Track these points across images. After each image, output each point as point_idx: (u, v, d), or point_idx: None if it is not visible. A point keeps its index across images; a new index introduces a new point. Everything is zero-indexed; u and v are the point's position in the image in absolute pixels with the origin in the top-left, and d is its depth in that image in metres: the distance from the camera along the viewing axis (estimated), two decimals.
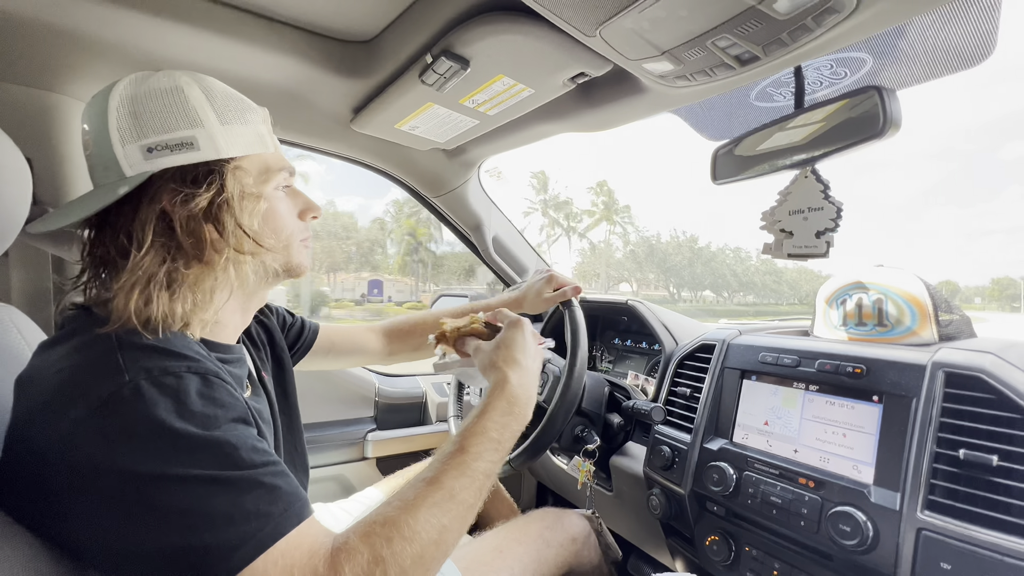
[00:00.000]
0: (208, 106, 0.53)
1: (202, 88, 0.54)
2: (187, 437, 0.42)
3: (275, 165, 0.59)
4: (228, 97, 0.55)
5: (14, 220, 0.59)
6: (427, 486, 0.50)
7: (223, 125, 0.54)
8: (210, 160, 0.53)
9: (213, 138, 0.53)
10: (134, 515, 0.40)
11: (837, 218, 0.70)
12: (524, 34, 0.73)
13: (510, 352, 0.68)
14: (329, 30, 0.89)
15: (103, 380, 0.42)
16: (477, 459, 0.54)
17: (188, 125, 0.52)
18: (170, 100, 0.52)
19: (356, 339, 1.00)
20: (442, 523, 0.48)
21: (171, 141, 0.51)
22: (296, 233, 0.62)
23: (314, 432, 1.34)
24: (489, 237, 1.51)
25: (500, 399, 0.61)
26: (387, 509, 0.48)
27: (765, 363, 0.86)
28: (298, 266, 0.62)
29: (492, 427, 0.58)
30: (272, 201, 0.59)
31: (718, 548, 0.85)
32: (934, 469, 0.63)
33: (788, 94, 0.86)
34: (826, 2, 0.54)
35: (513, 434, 0.60)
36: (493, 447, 0.57)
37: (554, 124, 1.06)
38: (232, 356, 0.60)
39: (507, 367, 0.65)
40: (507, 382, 0.63)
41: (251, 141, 0.56)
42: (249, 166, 0.56)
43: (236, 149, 0.54)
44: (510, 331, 0.71)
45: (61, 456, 0.41)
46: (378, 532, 0.45)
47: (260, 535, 0.41)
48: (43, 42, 0.80)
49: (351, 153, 1.31)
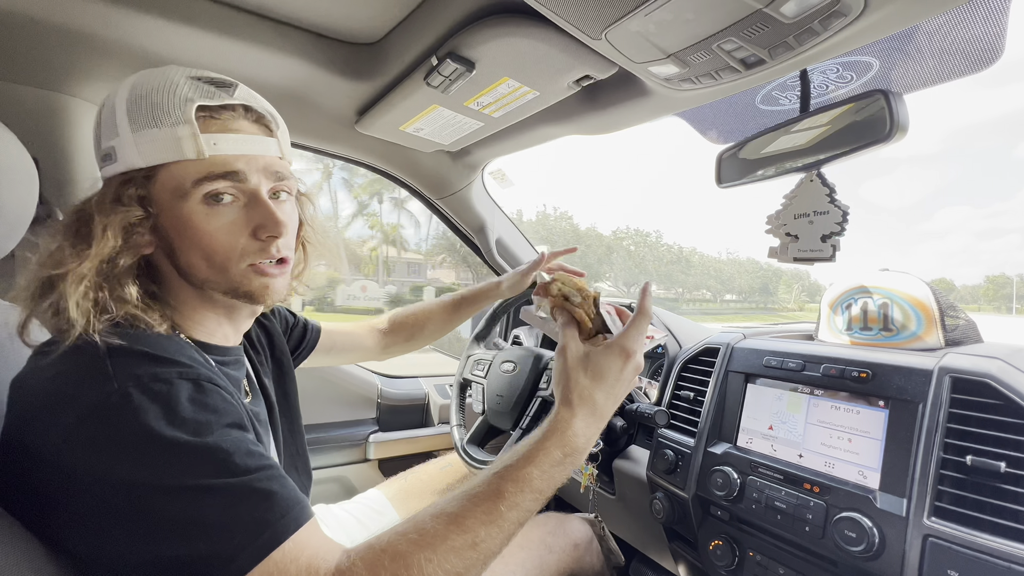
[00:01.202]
0: (124, 112, 0.50)
1: (132, 91, 0.50)
2: (178, 445, 0.41)
3: (197, 175, 0.50)
4: (144, 98, 0.50)
5: (21, 220, 0.60)
6: (449, 525, 0.45)
7: (134, 133, 0.49)
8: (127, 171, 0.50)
9: (124, 148, 0.50)
10: (126, 525, 0.39)
11: (843, 222, 0.70)
12: (529, 37, 0.73)
13: (596, 384, 0.54)
14: (335, 32, 0.90)
15: (91, 387, 0.42)
16: (513, 508, 0.47)
17: (111, 134, 0.51)
18: (108, 107, 0.52)
19: (355, 338, 1.01)
20: (456, 571, 0.43)
21: (104, 151, 0.52)
22: (241, 255, 0.53)
23: (316, 433, 1.34)
24: (493, 239, 1.51)
25: (556, 447, 0.51)
26: (400, 541, 0.44)
27: (770, 367, 0.85)
28: (248, 294, 0.54)
29: (538, 476, 0.50)
30: (194, 218, 0.51)
31: (722, 553, 0.84)
32: (941, 475, 0.63)
33: (794, 97, 0.86)
34: (833, 5, 0.53)
35: (558, 485, 0.52)
36: (533, 497, 0.49)
37: (558, 127, 1.06)
38: (229, 358, 0.60)
39: (580, 406, 0.53)
40: (571, 427, 0.52)
41: (163, 148, 0.49)
42: (164, 178, 0.51)
43: (143, 158, 0.50)
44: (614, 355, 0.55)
45: (53, 463, 0.40)
46: (387, 566, 0.42)
47: (257, 543, 0.40)
48: (51, 43, 0.80)
49: (355, 155, 1.32)
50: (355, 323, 1.04)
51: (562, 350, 0.57)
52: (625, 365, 0.55)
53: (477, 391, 1.13)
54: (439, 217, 1.56)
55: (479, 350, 1.27)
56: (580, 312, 0.59)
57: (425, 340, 1.08)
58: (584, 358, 0.55)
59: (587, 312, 0.59)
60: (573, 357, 0.56)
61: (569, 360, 0.56)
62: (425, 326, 1.07)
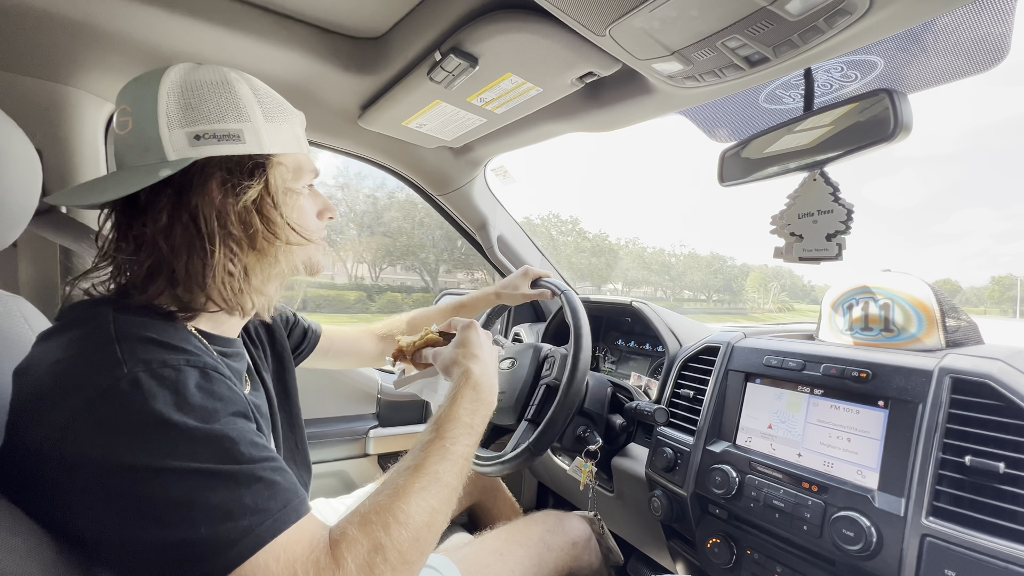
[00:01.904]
0: (255, 103, 0.55)
1: (250, 86, 0.56)
2: (186, 430, 0.41)
3: (307, 166, 0.61)
4: (272, 97, 0.58)
5: (24, 211, 0.60)
6: (413, 472, 0.52)
7: (267, 122, 0.56)
8: (253, 154, 0.54)
9: (258, 133, 0.55)
10: (132, 508, 0.40)
11: (848, 220, 0.70)
12: (533, 33, 0.73)
13: (468, 349, 0.73)
14: (339, 26, 0.90)
15: (101, 372, 0.42)
16: (454, 443, 0.58)
17: (236, 118, 0.53)
18: (221, 92, 0.53)
19: (354, 342, 1.02)
20: (431, 505, 0.51)
21: (219, 131, 0.53)
22: (317, 231, 0.64)
23: (316, 428, 1.34)
24: (494, 236, 1.51)
25: (466, 388, 0.66)
26: (379, 498, 0.49)
27: (770, 366, 0.85)
28: (317, 264, 0.65)
29: (463, 413, 0.62)
30: (302, 199, 0.61)
31: (719, 551, 0.84)
32: (940, 475, 0.63)
33: (797, 96, 0.85)
34: (838, 4, 0.53)
35: (483, 419, 0.65)
36: (467, 431, 0.60)
37: (561, 123, 1.06)
38: (232, 350, 0.60)
39: (468, 360, 0.71)
40: (471, 372, 0.68)
41: (289, 140, 0.58)
42: (287, 163, 0.59)
43: (277, 146, 0.56)
44: (464, 332, 0.77)
45: (59, 448, 0.41)
46: (374, 520, 0.47)
47: (258, 530, 0.41)
48: (55, 35, 0.80)
49: (358, 150, 1.31)
50: (355, 327, 1.05)
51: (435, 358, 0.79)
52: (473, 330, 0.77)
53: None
54: (441, 214, 1.56)
55: None
56: (431, 336, 0.84)
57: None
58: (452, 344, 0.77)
59: (433, 336, 0.84)
60: (447, 349, 0.76)
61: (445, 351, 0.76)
62: None
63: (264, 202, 0.55)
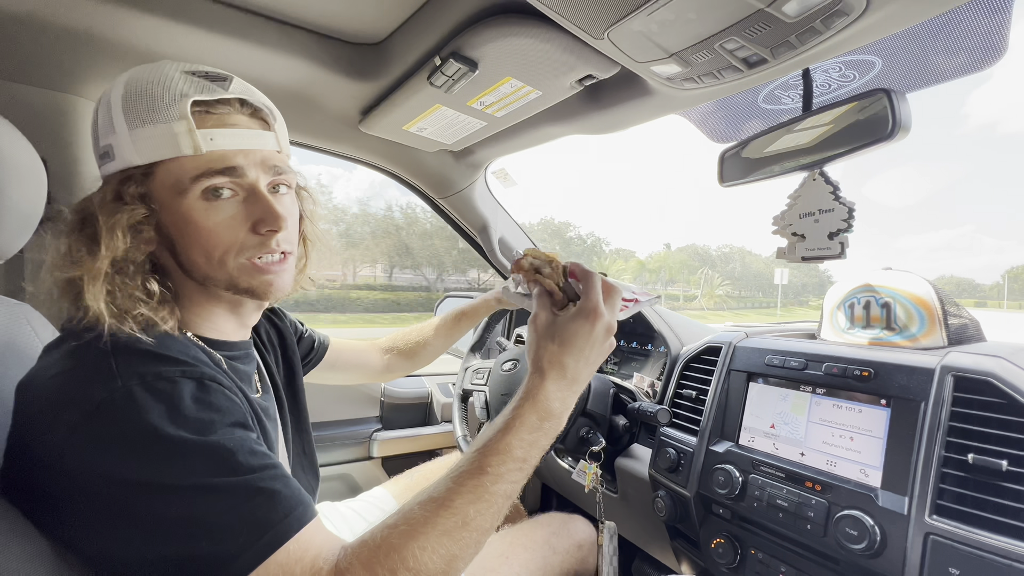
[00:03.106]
0: (120, 109, 0.49)
1: (125, 90, 0.50)
2: (181, 443, 0.41)
3: (195, 171, 0.50)
4: (139, 94, 0.49)
5: (30, 218, 0.60)
6: (438, 509, 0.45)
7: (131, 130, 0.49)
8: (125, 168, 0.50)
9: (121, 146, 0.50)
10: (130, 523, 0.40)
11: (849, 219, 0.70)
12: (532, 37, 0.73)
13: (565, 349, 0.53)
14: (339, 32, 0.90)
15: (96, 385, 0.42)
16: (498, 481, 0.47)
17: (109, 132, 0.50)
18: (105, 104, 0.51)
19: (360, 356, 1.01)
20: (452, 553, 0.44)
21: (101, 149, 0.52)
22: (240, 250, 0.53)
23: (320, 431, 1.35)
24: (495, 238, 1.52)
25: (531, 412, 0.51)
26: (392, 534, 0.44)
27: (772, 366, 0.85)
28: (248, 290, 0.54)
29: (518, 445, 0.50)
30: (193, 214, 0.51)
31: (723, 551, 0.84)
32: (942, 473, 0.63)
33: (796, 96, 0.86)
34: (835, 5, 0.53)
35: (541, 451, 0.52)
36: (517, 467, 0.49)
37: (561, 126, 1.06)
38: (239, 353, 0.60)
39: (550, 369, 0.53)
40: (542, 391, 0.52)
41: (160, 144, 0.49)
42: (163, 174, 0.50)
43: (140, 156, 0.49)
44: (580, 318, 0.54)
45: (57, 462, 0.40)
46: (382, 561, 0.42)
47: (260, 543, 0.40)
48: (59, 45, 0.81)
49: (359, 154, 1.32)
50: (361, 341, 1.04)
51: (533, 320, 0.57)
52: (594, 328, 0.54)
53: (479, 398, 1.13)
54: (442, 216, 1.56)
55: (476, 360, 1.27)
56: (549, 282, 0.58)
57: (427, 358, 1.08)
58: (551, 325, 0.55)
59: (556, 282, 0.59)
60: (541, 325, 0.55)
61: (538, 328, 0.56)
62: (428, 344, 1.07)
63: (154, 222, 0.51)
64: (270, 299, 0.57)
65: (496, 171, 1.44)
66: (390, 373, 1.06)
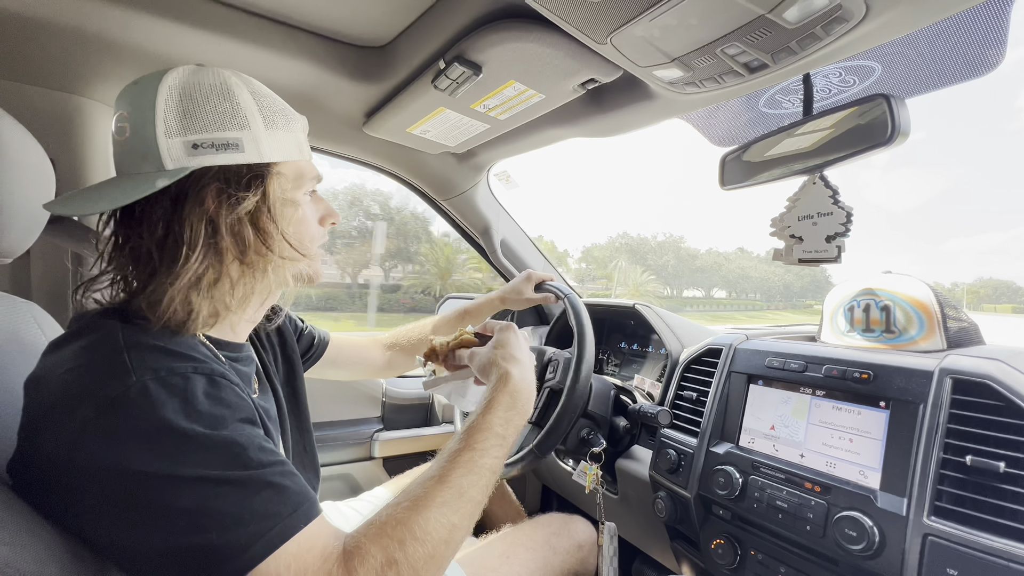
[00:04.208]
0: (256, 110, 0.53)
1: (251, 91, 0.54)
2: (195, 437, 0.42)
3: (308, 173, 0.60)
4: (274, 102, 0.56)
5: (38, 218, 0.61)
6: (435, 484, 0.50)
7: (268, 130, 0.54)
8: (252, 163, 0.53)
9: (258, 142, 0.53)
10: (143, 515, 0.40)
11: (847, 223, 0.71)
12: (536, 41, 0.74)
13: (507, 350, 0.69)
14: (344, 36, 0.91)
15: (110, 380, 0.43)
16: (483, 455, 0.55)
17: (236, 127, 0.52)
18: (220, 99, 0.52)
19: (361, 352, 1.01)
20: (452, 521, 0.49)
21: (217, 140, 0.51)
22: (318, 239, 0.62)
23: (322, 431, 1.35)
24: (497, 240, 1.53)
25: (503, 394, 0.62)
26: (396, 510, 0.48)
27: (772, 368, 0.86)
28: (317, 273, 0.63)
29: (497, 423, 0.58)
30: (303, 207, 0.59)
31: (723, 552, 0.85)
32: (941, 475, 0.63)
33: (797, 101, 0.86)
34: (835, 11, 0.54)
35: (516, 429, 0.61)
36: (498, 443, 0.57)
37: (563, 129, 1.07)
38: (241, 354, 0.61)
39: (507, 363, 0.66)
40: (509, 377, 0.64)
41: (290, 148, 0.57)
42: (287, 172, 0.57)
43: (277, 154, 0.55)
44: (503, 333, 0.73)
45: (70, 457, 0.41)
46: (390, 534, 0.45)
47: (269, 535, 0.41)
48: (67, 46, 0.82)
49: (363, 156, 1.33)
50: (362, 337, 1.04)
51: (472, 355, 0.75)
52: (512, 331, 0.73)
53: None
54: (444, 218, 1.57)
55: None
56: (466, 338, 0.80)
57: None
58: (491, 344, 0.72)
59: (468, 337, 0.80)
60: (484, 350, 0.73)
61: (483, 351, 0.73)
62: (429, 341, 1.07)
63: (260, 214, 0.53)
64: (319, 281, 0.65)
65: (498, 173, 1.45)
66: (391, 370, 1.06)
